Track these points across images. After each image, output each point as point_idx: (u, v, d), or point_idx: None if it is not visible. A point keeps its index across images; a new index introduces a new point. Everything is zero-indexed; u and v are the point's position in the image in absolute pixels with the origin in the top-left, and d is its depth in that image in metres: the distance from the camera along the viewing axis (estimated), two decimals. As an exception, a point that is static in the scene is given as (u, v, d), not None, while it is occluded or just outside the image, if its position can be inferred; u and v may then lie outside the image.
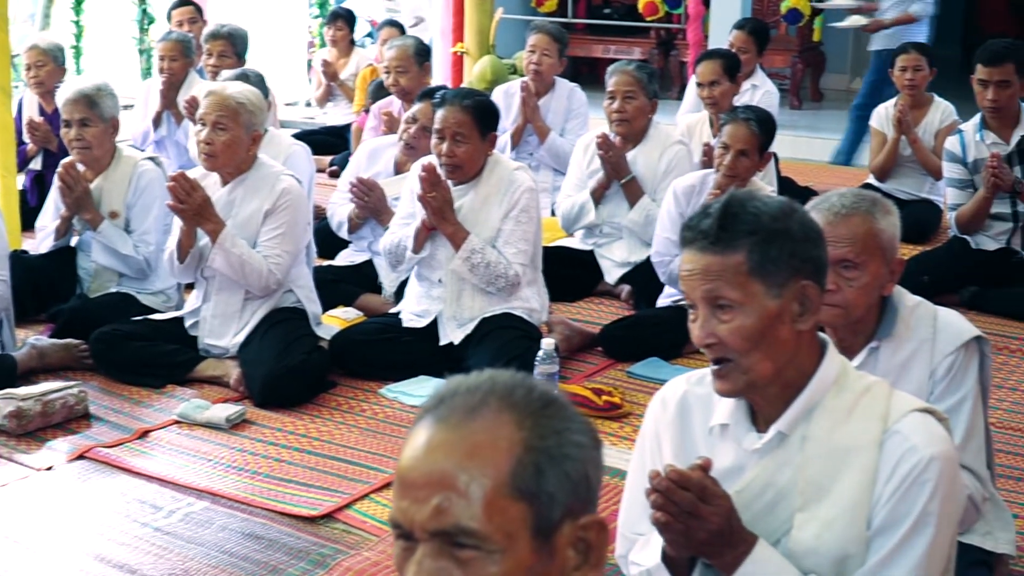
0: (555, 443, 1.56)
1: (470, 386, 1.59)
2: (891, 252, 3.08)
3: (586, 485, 1.58)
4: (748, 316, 2.29)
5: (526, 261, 5.15)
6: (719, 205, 2.32)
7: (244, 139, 4.94)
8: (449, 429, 1.56)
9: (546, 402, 1.59)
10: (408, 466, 1.57)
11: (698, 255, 2.31)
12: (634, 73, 6.13)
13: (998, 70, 5.90)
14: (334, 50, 10.32)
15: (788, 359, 2.34)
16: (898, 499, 2.27)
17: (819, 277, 2.35)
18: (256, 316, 5.09)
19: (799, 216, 2.34)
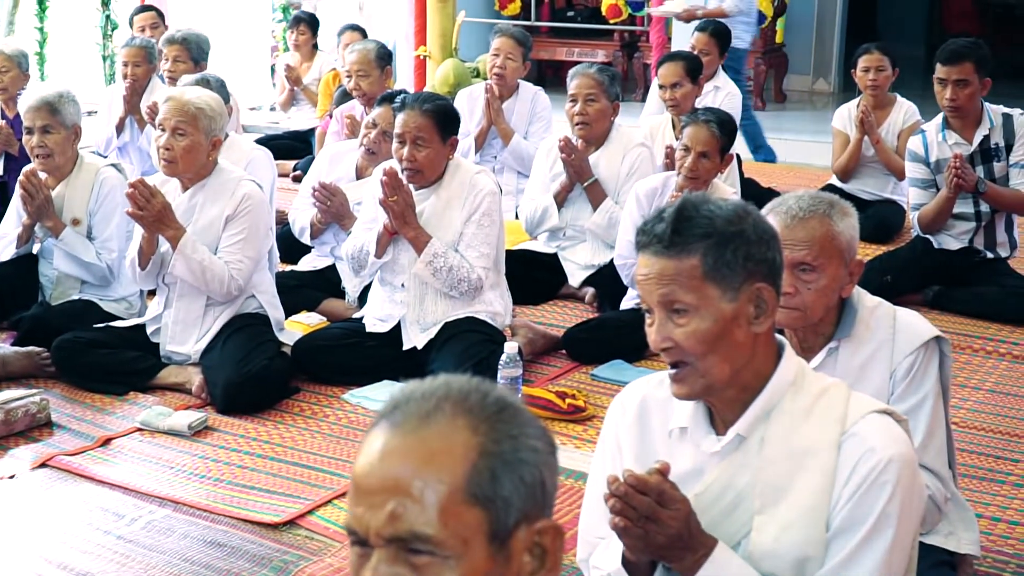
0: (510, 448, 1.56)
1: (425, 391, 1.59)
2: (849, 254, 3.08)
3: (541, 490, 1.58)
4: (704, 319, 2.29)
5: (488, 264, 5.14)
6: (673, 209, 2.32)
7: (204, 144, 4.91)
8: (404, 435, 1.55)
9: (501, 407, 1.58)
10: (363, 472, 1.56)
11: (653, 259, 2.31)
12: (595, 76, 6.13)
13: (956, 69, 5.90)
14: (297, 54, 10.29)
15: (745, 362, 2.34)
16: (857, 501, 2.27)
17: (774, 279, 2.35)
18: (218, 322, 5.07)
19: (753, 219, 2.34)
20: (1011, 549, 3.94)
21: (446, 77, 8.12)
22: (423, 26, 8.54)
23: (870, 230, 7.42)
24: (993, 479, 4.44)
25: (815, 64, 13.61)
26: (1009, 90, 12.42)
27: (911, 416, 3.10)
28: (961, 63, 5.90)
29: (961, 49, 5.94)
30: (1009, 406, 5.12)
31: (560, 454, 4.47)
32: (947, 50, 5.97)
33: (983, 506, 4.20)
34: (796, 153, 10.31)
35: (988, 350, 5.75)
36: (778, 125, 11.37)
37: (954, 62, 5.91)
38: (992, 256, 6.22)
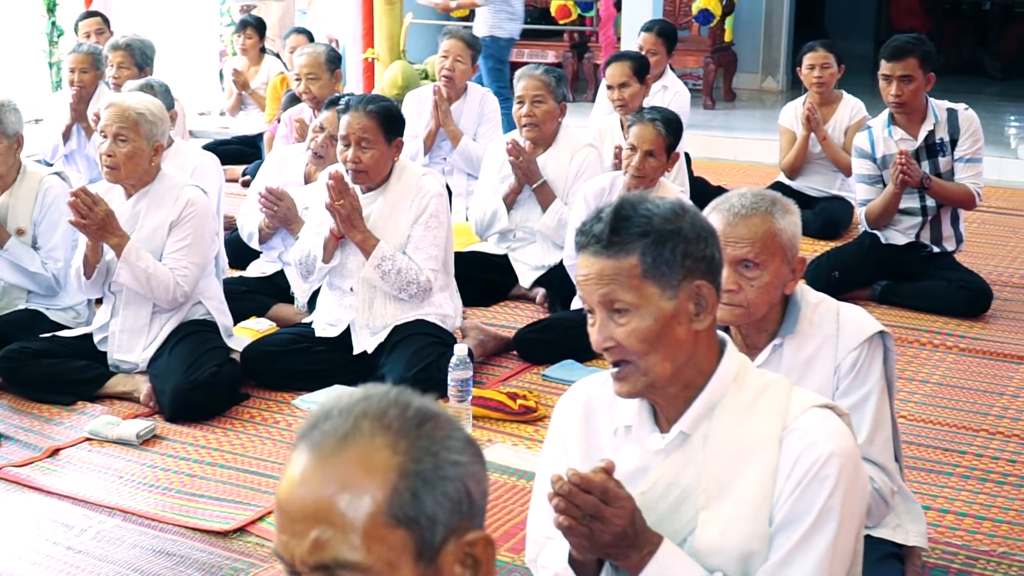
0: (431, 465, 1.53)
1: (343, 409, 1.55)
2: (792, 251, 3.09)
3: (468, 502, 1.55)
4: (644, 318, 2.30)
5: (437, 267, 5.13)
6: (611, 209, 2.32)
7: (146, 150, 4.88)
8: (323, 458, 1.52)
9: (421, 421, 1.55)
10: (285, 498, 1.53)
11: (592, 259, 2.31)
12: (542, 77, 6.14)
13: (901, 65, 5.92)
14: (244, 59, 10.25)
15: (686, 359, 2.35)
16: (798, 495, 2.28)
17: (713, 276, 2.35)
18: (165, 329, 5.03)
19: (691, 216, 2.34)
20: (959, 540, 3.97)
21: (394, 79, 8.09)
22: (371, 29, 8.51)
23: (818, 227, 7.50)
24: (941, 471, 4.47)
25: (764, 62, 13.67)
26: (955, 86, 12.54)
27: (856, 411, 3.12)
28: (905, 59, 5.92)
29: (905, 45, 5.96)
30: (956, 398, 5.16)
31: (512, 455, 4.50)
32: (891, 46, 5.98)
33: (931, 498, 4.23)
34: (746, 151, 10.36)
35: (935, 343, 5.79)
36: (728, 123, 11.43)
37: (898, 58, 5.93)
38: (938, 251, 6.26)
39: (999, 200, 8.82)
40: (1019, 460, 4.57)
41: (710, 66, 12.25)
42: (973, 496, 4.29)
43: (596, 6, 12.28)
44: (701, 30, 12.54)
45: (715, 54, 12.37)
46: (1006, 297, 6.48)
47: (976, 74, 14.52)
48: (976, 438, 4.76)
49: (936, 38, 15.59)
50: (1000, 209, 8.57)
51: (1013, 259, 7.30)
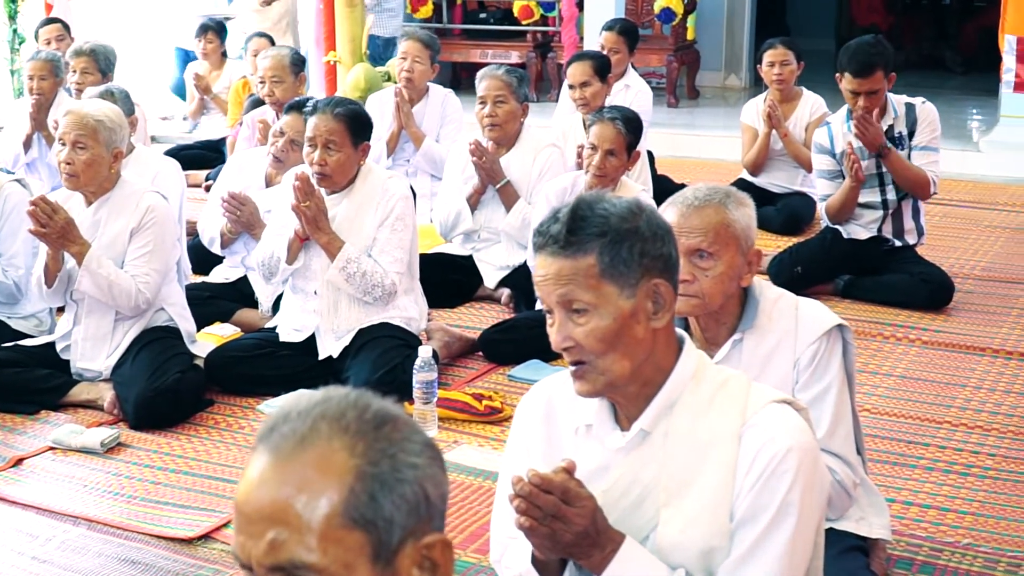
0: (388, 468, 1.53)
1: (302, 411, 1.55)
2: (746, 242, 3.12)
3: (426, 504, 1.56)
4: (603, 318, 2.30)
5: (402, 269, 5.13)
6: (567, 209, 2.32)
7: (105, 157, 4.86)
8: (280, 460, 1.52)
9: (378, 423, 1.55)
10: (243, 500, 1.54)
11: (550, 260, 2.32)
12: (503, 77, 6.14)
13: (867, 81, 5.87)
14: (206, 63, 10.21)
15: (645, 357, 2.35)
16: (758, 490, 2.29)
17: (671, 274, 2.36)
18: (128, 337, 5.01)
19: (647, 215, 2.35)
20: (923, 532, 3.99)
21: (356, 82, 8.07)
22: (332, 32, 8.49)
23: (781, 222, 7.54)
24: (905, 464, 4.50)
25: (726, 60, 13.71)
26: (916, 80, 12.61)
27: (817, 404, 3.14)
28: (871, 75, 5.87)
29: (870, 59, 5.87)
30: (919, 391, 5.19)
31: (478, 456, 4.50)
32: (856, 61, 5.89)
33: (895, 491, 4.26)
34: (710, 149, 10.39)
35: (898, 336, 5.83)
36: (691, 121, 11.47)
37: (864, 74, 5.87)
38: (900, 244, 6.29)
39: (961, 193, 8.88)
40: (982, 451, 4.61)
41: (673, 64, 12.27)
42: (937, 488, 4.32)
43: (558, 6, 12.28)
44: (664, 28, 12.55)
45: (678, 52, 12.38)
46: (968, 289, 6.52)
47: (937, 68, 14.60)
48: (939, 430, 4.80)
49: (896, 33, 15.69)
50: (962, 202, 8.62)
51: (975, 252, 7.35)
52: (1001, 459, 4.55)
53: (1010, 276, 6.84)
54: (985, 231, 7.86)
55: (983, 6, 14.76)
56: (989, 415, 4.94)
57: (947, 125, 8.86)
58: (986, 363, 5.51)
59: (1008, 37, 9.65)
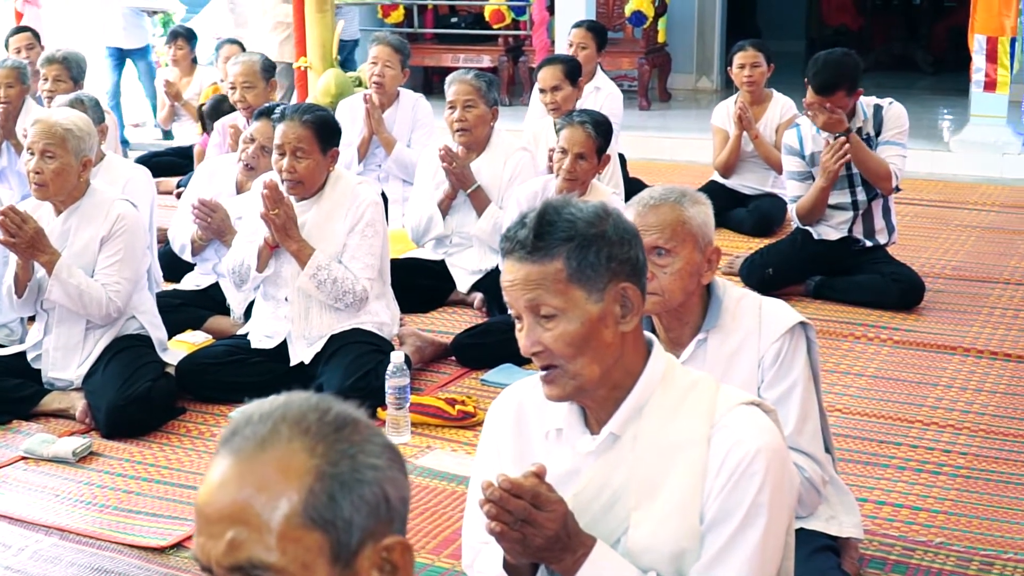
0: (348, 468, 1.54)
1: (263, 414, 1.56)
2: (704, 240, 3.16)
3: (386, 506, 1.56)
4: (571, 322, 2.31)
5: (373, 275, 5.12)
6: (534, 214, 2.33)
7: (74, 166, 4.84)
8: (241, 461, 1.53)
9: (339, 425, 1.56)
10: (203, 501, 1.54)
11: (517, 265, 2.32)
12: (472, 82, 6.13)
13: (829, 99, 5.88)
14: (176, 69, 10.19)
15: (614, 361, 2.36)
16: (728, 492, 2.30)
17: (638, 278, 2.37)
18: (99, 346, 5.00)
19: (614, 219, 2.36)
20: (896, 531, 4.01)
21: (327, 87, 8.04)
22: (303, 37, 8.47)
23: (752, 224, 7.57)
24: (877, 463, 4.52)
25: (697, 63, 13.75)
26: (887, 81, 12.66)
27: (783, 402, 3.16)
28: (835, 92, 5.87)
29: (832, 78, 5.85)
30: (891, 390, 5.22)
31: (451, 460, 4.50)
32: (818, 78, 5.88)
33: (867, 490, 4.27)
34: (682, 151, 10.42)
35: (870, 336, 5.85)
36: (663, 124, 11.49)
37: (828, 92, 5.87)
38: (871, 244, 6.31)
39: (931, 193, 8.93)
40: (954, 450, 4.63)
41: (644, 67, 12.30)
42: (909, 487, 4.33)
43: (529, 10, 12.31)
44: (635, 32, 12.59)
45: (649, 55, 12.41)
46: (939, 289, 6.55)
47: (907, 69, 14.66)
48: (911, 429, 4.82)
49: (867, 34, 15.76)
50: (932, 202, 8.66)
51: (945, 251, 7.38)
52: (972, 457, 4.57)
53: (980, 275, 6.87)
54: (956, 230, 7.90)
55: (953, 6, 14.81)
56: (960, 414, 4.96)
57: (918, 125, 8.92)
58: (957, 362, 5.53)
59: (978, 37, 9.70)
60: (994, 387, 5.24)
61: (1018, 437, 4.73)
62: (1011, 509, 4.16)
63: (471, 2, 13.59)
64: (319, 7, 8.25)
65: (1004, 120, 9.90)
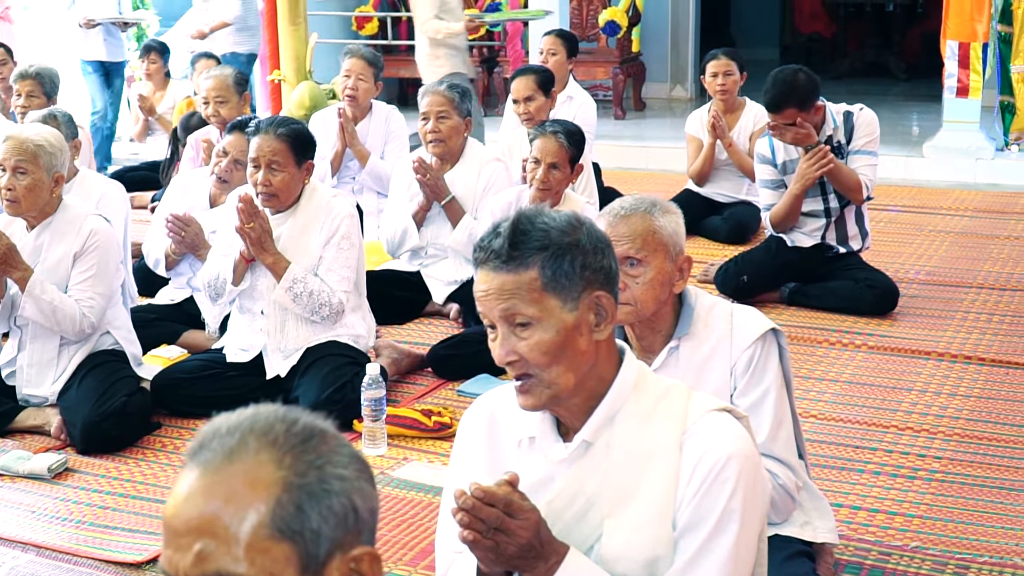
0: (316, 479, 1.54)
1: (230, 427, 1.57)
2: (675, 248, 3.17)
3: (354, 517, 1.57)
4: (546, 331, 2.31)
5: (349, 288, 5.12)
6: (509, 224, 2.33)
7: (46, 182, 4.83)
8: (208, 474, 1.53)
9: (306, 436, 1.56)
10: (171, 514, 1.54)
11: (492, 274, 2.32)
12: (445, 93, 6.14)
13: (780, 116, 5.91)
14: (150, 84, 10.17)
15: (588, 369, 2.37)
16: (700, 499, 2.30)
17: (611, 286, 2.38)
18: (73, 361, 4.98)
19: (587, 228, 2.37)
20: (872, 536, 4.02)
21: (301, 100, 8.06)
22: (276, 50, 8.48)
23: (727, 232, 7.60)
24: (852, 468, 4.53)
25: (672, 72, 13.81)
26: (861, 88, 12.73)
27: (756, 409, 3.17)
28: (782, 111, 5.90)
29: (778, 97, 5.89)
30: (866, 396, 5.23)
31: (428, 472, 4.49)
32: (767, 95, 5.93)
33: (843, 495, 4.29)
34: (657, 160, 10.45)
35: (844, 342, 5.87)
36: (639, 133, 11.52)
37: (776, 110, 5.91)
38: (845, 251, 6.34)
39: (905, 198, 8.97)
40: (928, 454, 4.65)
41: (619, 76, 12.34)
42: (884, 492, 4.35)
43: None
44: (609, 41, 12.62)
45: (623, 65, 12.45)
46: (913, 294, 6.58)
47: (881, 75, 14.73)
48: (886, 434, 4.83)
49: (840, 40, 15.84)
50: (906, 207, 8.70)
51: (919, 256, 7.42)
52: (948, 462, 4.59)
53: (954, 280, 6.90)
54: (929, 236, 7.93)
55: (925, 12, 14.90)
56: (935, 418, 4.98)
57: (891, 131, 8.97)
58: (931, 367, 5.56)
59: (950, 43, 9.77)
60: (968, 391, 5.27)
61: (992, 441, 4.76)
62: (986, 513, 4.18)
63: (445, 14, 13.57)
64: (292, 20, 8.26)
65: (977, 125, 9.96)
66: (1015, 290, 6.70)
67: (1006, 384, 5.35)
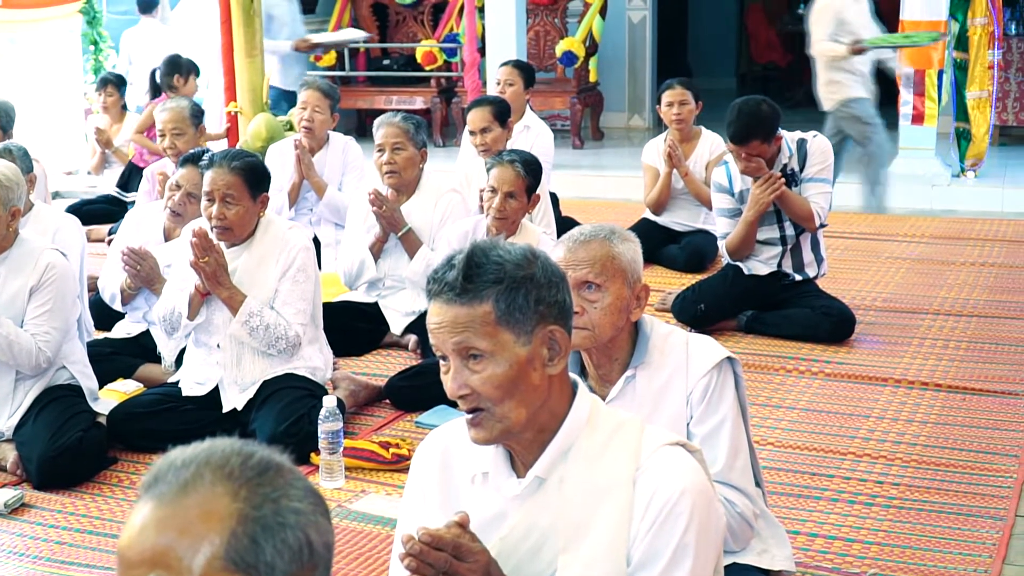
0: (271, 512, 1.54)
1: (186, 459, 1.56)
2: (633, 276, 3.20)
3: (309, 551, 1.56)
4: (499, 365, 2.30)
5: (305, 320, 5.10)
6: (463, 256, 2.32)
7: (2, 215, 4.78)
8: (163, 506, 1.53)
9: (262, 469, 1.56)
10: (125, 545, 1.53)
11: (445, 307, 2.31)
12: (400, 124, 6.14)
13: (745, 149, 5.97)
14: (106, 116, 10.14)
15: (541, 403, 2.36)
16: (654, 534, 2.29)
17: (565, 320, 2.37)
18: (29, 396, 4.94)
19: (542, 262, 2.36)
20: (829, 564, 4.03)
21: (258, 132, 8.04)
22: (232, 82, 8.47)
23: (684, 260, 7.63)
24: (809, 496, 4.54)
25: (629, 101, 13.89)
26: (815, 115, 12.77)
27: (712, 437, 3.19)
28: (748, 143, 5.96)
29: (744, 130, 5.95)
30: (822, 423, 5.26)
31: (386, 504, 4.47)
32: (732, 128, 5.98)
33: (800, 523, 4.30)
34: (616, 189, 10.49)
35: (801, 370, 5.89)
36: (597, 162, 11.58)
37: (741, 143, 5.97)
38: (801, 278, 6.37)
39: (861, 226, 9.02)
40: (886, 481, 4.67)
41: (576, 106, 12.39)
42: (842, 519, 4.36)
43: (460, 52, 12.36)
44: (566, 71, 12.69)
45: (581, 94, 12.51)
46: (870, 321, 6.62)
47: (837, 104, 14.80)
48: (844, 461, 4.85)
49: (795, 69, 15.93)
50: (862, 235, 8.76)
51: (876, 283, 7.47)
52: (905, 488, 4.61)
53: (911, 306, 6.95)
54: (886, 263, 7.99)
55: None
56: (892, 444, 5.01)
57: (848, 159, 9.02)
58: (888, 393, 5.59)
59: (905, 70, 9.86)
60: (925, 417, 5.30)
61: (949, 467, 4.78)
62: (944, 539, 4.20)
63: (403, 44, 13.63)
64: (248, 52, 8.26)
65: (933, 152, 10.06)
66: (971, 316, 6.76)
67: (963, 410, 5.38)
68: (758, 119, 5.93)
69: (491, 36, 11.27)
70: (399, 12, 13.86)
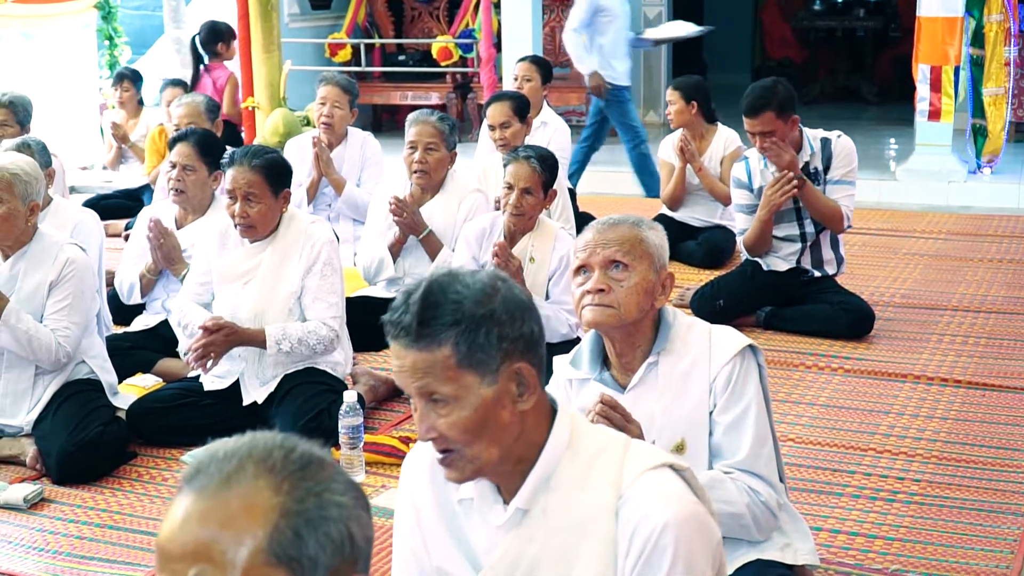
0: (314, 505, 1.54)
1: (228, 452, 1.56)
2: (659, 261, 3.22)
3: (350, 545, 1.56)
4: (464, 408, 2.19)
5: (338, 313, 5.09)
6: (418, 296, 2.18)
7: (21, 211, 4.80)
8: (205, 499, 1.52)
9: (305, 463, 1.56)
10: (165, 538, 1.53)
11: (404, 351, 2.19)
12: (436, 124, 6.09)
13: (758, 121, 5.95)
14: (122, 111, 10.15)
15: (514, 439, 2.26)
16: (640, 570, 2.21)
17: (533, 354, 2.26)
18: (49, 391, 4.95)
19: (503, 295, 2.23)
20: (852, 559, 4.02)
21: (275, 127, 8.06)
22: (250, 78, 8.48)
23: (702, 256, 7.62)
24: (831, 492, 4.53)
25: (645, 97, 13.84)
26: (833, 112, 12.80)
27: (737, 426, 3.18)
28: (761, 114, 5.94)
29: (758, 101, 5.94)
30: (843, 419, 5.24)
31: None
32: (746, 101, 5.98)
33: (822, 519, 4.29)
34: (631, 185, 10.46)
35: (820, 366, 5.88)
36: (612, 158, 11.51)
37: (754, 114, 5.96)
38: (820, 275, 6.36)
39: (879, 222, 9.01)
40: (907, 477, 4.65)
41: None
42: (864, 515, 4.35)
43: (476, 47, 12.36)
44: (582, 67, 12.63)
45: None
46: (888, 317, 6.61)
47: (853, 100, 14.82)
48: (864, 457, 4.84)
49: (811, 66, 15.92)
50: (880, 231, 8.74)
51: (894, 279, 7.45)
52: (926, 484, 4.60)
53: (929, 302, 6.93)
54: (904, 259, 7.97)
55: (897, 36, 15.00)
56: (913, 441, 4.99)
57: (864, 155, 8.98)
58: (908, 389, 5.57)
59: (922, 66, 9.84)
60: (945, 413, 5.28)
61: (970, 463, 4.77)
62: (965, 535, 4.19)
63: (418, 40, 13.63)
64: (266, 47, 8.26)
65: (949, 148, 10.03)
66: (989, 312, 6.74)
67: (982, 406, 5.37)
68: (772, 92, 5.95)
69: (507, 32, 11.26)
70: (415, 8, 13.87)
